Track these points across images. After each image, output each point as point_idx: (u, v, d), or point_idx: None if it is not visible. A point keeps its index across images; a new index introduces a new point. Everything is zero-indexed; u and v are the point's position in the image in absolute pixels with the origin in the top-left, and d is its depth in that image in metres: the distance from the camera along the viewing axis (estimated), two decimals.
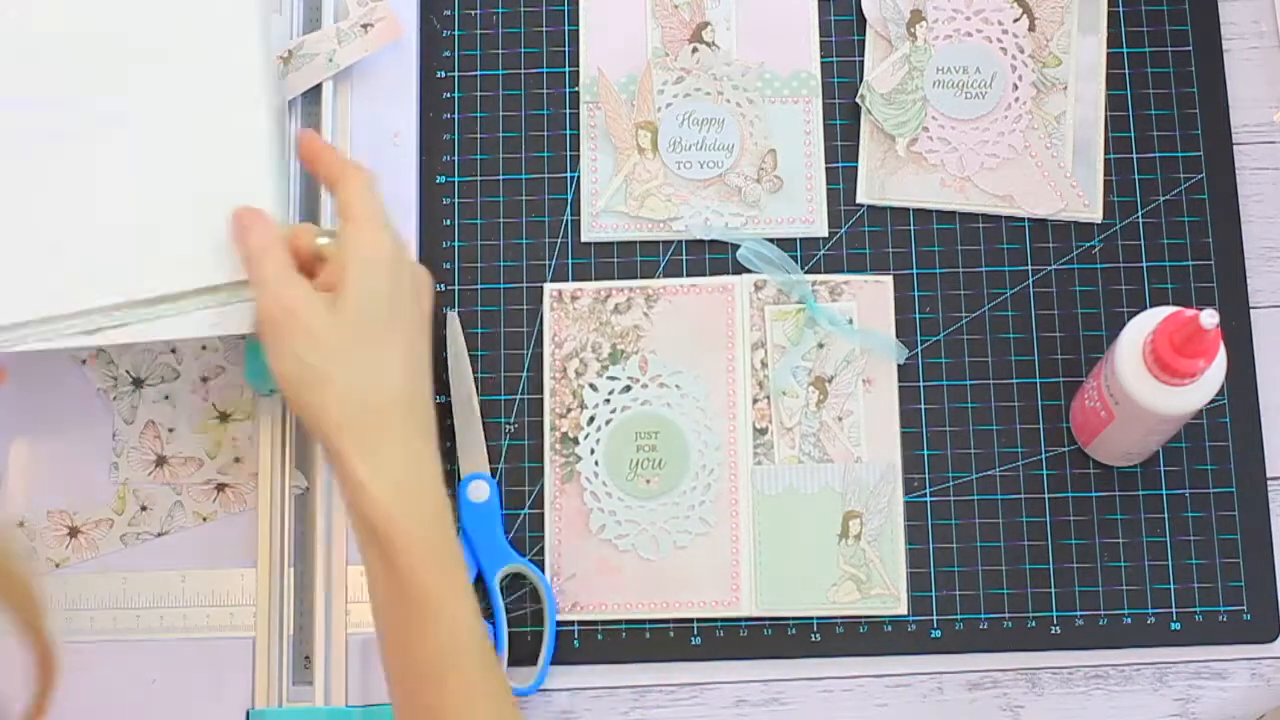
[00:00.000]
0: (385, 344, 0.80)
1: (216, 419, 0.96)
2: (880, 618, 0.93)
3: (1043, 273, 0.98)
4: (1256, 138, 1.01)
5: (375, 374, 0.79)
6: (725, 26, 1.02)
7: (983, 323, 0.98)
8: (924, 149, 1.00)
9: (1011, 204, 0.99)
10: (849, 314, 0.97)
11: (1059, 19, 1.02)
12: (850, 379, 0.96)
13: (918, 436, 0.96)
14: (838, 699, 0.93)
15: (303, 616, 0.93)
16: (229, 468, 0.95)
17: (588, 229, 0.99)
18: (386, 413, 0.79)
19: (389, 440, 0.79)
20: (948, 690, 0.94)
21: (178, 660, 0.92)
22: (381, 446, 0.78)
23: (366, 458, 0.78)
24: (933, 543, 0.94)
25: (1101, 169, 1.00)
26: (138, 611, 0.93)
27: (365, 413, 0.78)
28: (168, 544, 0.94)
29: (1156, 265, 0.98)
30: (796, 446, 0.95)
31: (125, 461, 0.95)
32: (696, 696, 0.93)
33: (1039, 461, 0.96)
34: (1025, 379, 0.97)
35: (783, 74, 1.02)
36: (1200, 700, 0.93)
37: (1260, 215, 1.00)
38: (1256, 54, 1.03)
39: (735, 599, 0.93)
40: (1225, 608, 0.94)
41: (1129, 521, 0.95)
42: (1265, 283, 0.99)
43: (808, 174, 1.00)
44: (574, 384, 0.96)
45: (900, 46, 1.01)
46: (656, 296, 0.97)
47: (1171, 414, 0.86)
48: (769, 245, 0.98)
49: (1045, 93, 1.01)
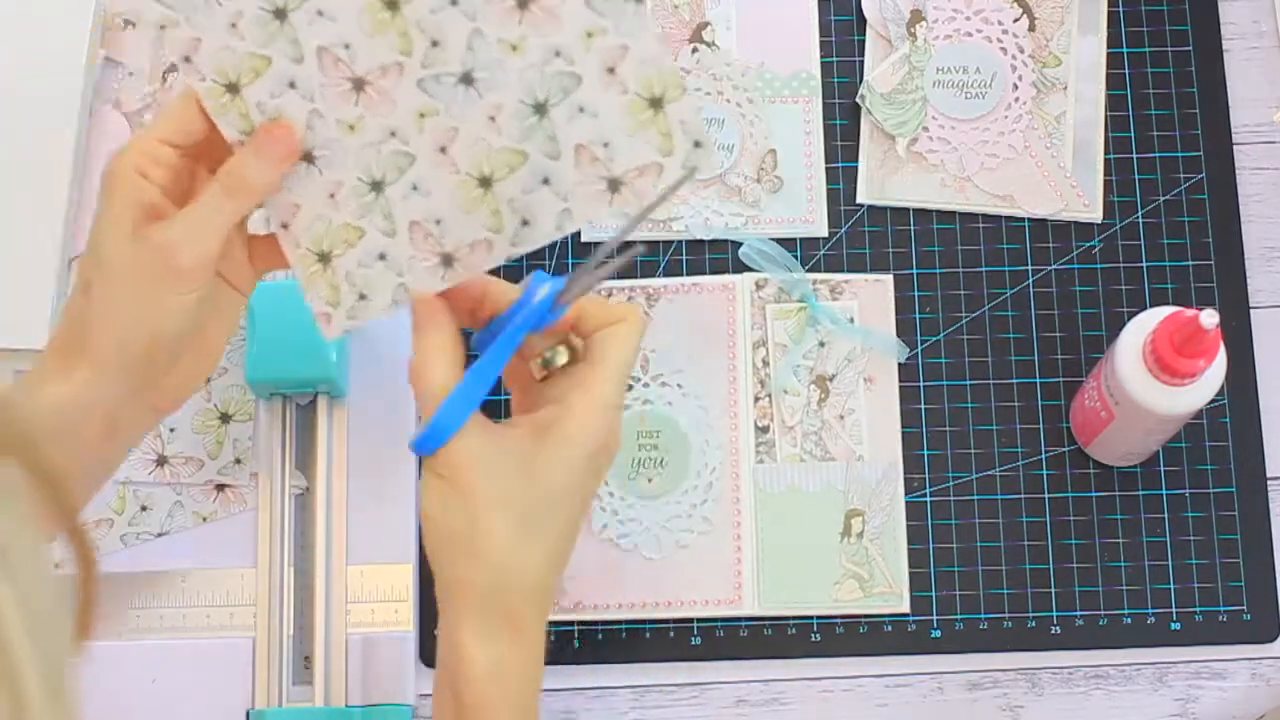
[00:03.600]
0: (549, 530, 0.72)
1: (217, 419, 0.96)
2: (880, 617, 0.93)
3: (1043, 273, 0.98)
4: (1256, 138, 1.01)
5: (528, 560, 0.71)
6: (725, 26, 1.02)
7: (983, 323, 0.98)
8: (924, 149, 1.00)
9: (1011, 204, 0.99)
10: (850, 313, 0.97)
11: (1059, 19, 1.02)
12: (852, 377, 0.96)
13: (918, 436, 0.96)
14: (838, 699, 0.93)
15: (303, 616, 0.93)
16: (229, 468, 0.95)
17: (588, 229, 0.99)
18: (520, 603, 0.71)
19: (511, 629, 0.71)
20: (948, 690, 0.93)
21: (178, 660, 0.92)
22: (502, 634, 0.71)
23: (484, 641, 0.71)
24: (933, 542, 0.94)
25: (1101, 169, 1.00)
26: (138, 611, 0.93)
27: (502, 597, 0.71)
28: (168, 544, 0.94)
29: (1156, 265, 0.98)
30: (798, 445, 0.95)
31: (125, 461, 0.95)
32: (696, 696, 0.93)
33: (1039, 461, 0.96)
34: (1025, 379, 0.97)
35: (783, 74, 1.02)
36: (1200, 700, 0.93)
37: (1260, 215, 1.00)
38: (1256, 54, 1.03)
39: (738, 597, 0.93)
40: (1225, 608, 0.94)
41: (1129, 521, 0.95)
42: (1265, 283, 0.99)
43: (808, 174, 1.00)
44: None
45: (900, 46, 1.01)
46: (657, 296, 0.97)
47: (1171, 414, 0.86)
48: (771, 243, 0.98)
49: (1045, 93, 1.01)
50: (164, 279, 0.71)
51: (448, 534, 0.71)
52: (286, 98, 0.72)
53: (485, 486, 0.70)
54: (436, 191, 0.72)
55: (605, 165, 0.70)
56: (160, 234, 0.71)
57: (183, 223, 0.72)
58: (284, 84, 0.72)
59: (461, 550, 0.71)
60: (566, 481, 0.71)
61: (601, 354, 0.72)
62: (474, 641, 0.70)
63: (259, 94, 0.72)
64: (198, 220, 0.72)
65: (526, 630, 0.71)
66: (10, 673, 0.44)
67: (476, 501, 0.70)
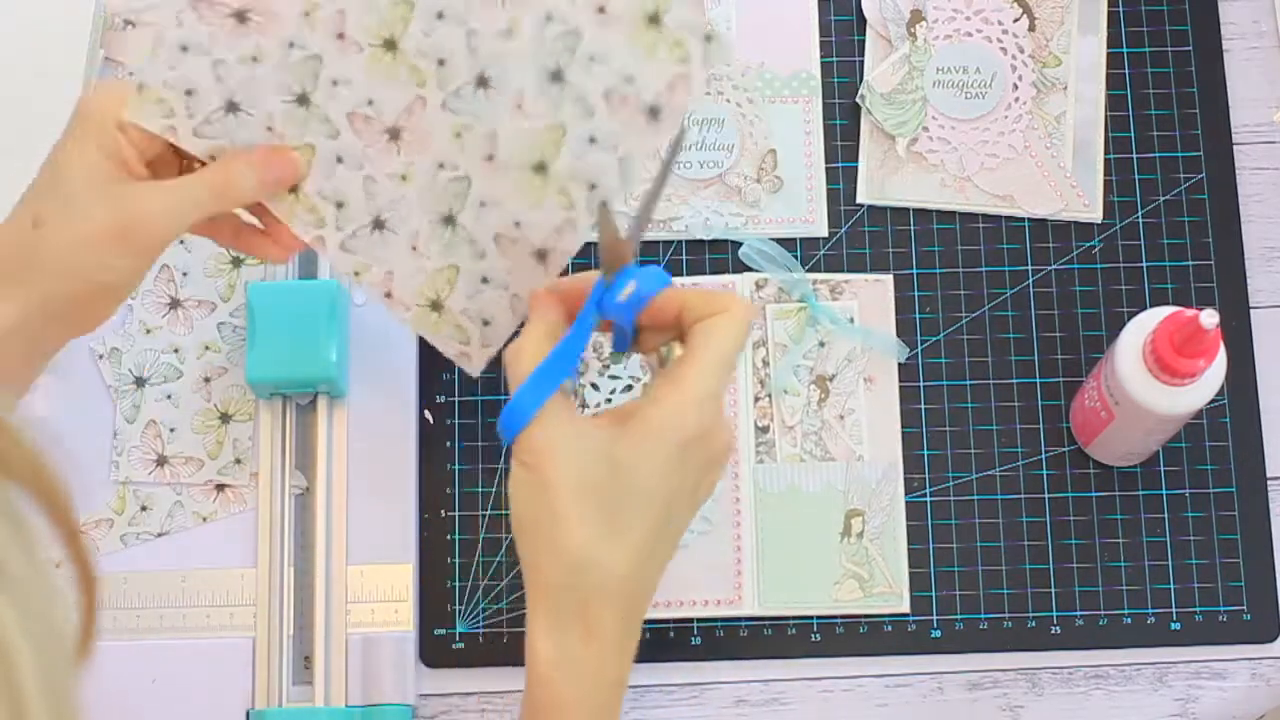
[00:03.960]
0: (634, 526, 0.69)
1: (218, 419, 0.96)
2: (880, 617, 0.93)
3: (1043, 273, 0.98)
4: (1256, 138, 1.01)
5: (609, 556, 0.69)
6: (725, 26, 1.02)
7: (983, 323, 0.98)
8: (924, 149, 1.00)
9: (1011, 204, 0.99)
10: (850, 313, 0.97)
11: (1059, 19, 1.02)
12: (852, 377, 0.96)
13: (917, 436, 0.96)
14: (838, 699, 0.93)
15: (303, 616, 0.93)
16: (229, 468, 0.95)
17: None
18: (597, 600, 0.69)
19: (583, 626, 0.69)
20: (948, 690, 0.93)
21: (178, 660, 0.92)
22: (573, 630, 0.69)
23: (555, 635, 0.69)
24: (933, 542, 0.94)
25: (1101, 169, 1.00)
26: (138, 611, 0.93)
27: (576, 594, 0.69)
28: (168, 544, 0.94)
29: (1156, 265, 0.98)
30: (798, 445, 0.95)
31: (125, 461, 0.95)
32: (696, 696, 0.93)
33: (1039, 461, 0.96)
34: (1025, 379, 0.97)
35: (783, 74, 1.02)
36: (1200, 700, 0.93)
37: (1260, 215, 1.00)
38: (1256, 54, 1.03)
39: (739, 597, 0.93)
40: (1225, 608, 0.94)
41: (1129, 521, 0.95)
42: (1265, 283, 0.99)
43: (808, 174, 1.00)
44: (575, 384, 0.96)
45: (900, 46, 1.01)
46: None
47: (1171, 414, 0.86)
48: (771, 243, 0.98)
49: (1045, 93, 1.01)
50: (127, 242, 0.72)
51: (530, 522, 0.70)
52: (340, 177, 0.74)
53: (565, 476, 0.68)
54: (502, 199, 0.74)
55: (637, 98, 0.71)
56: (137, 201, 0.72)
57: (162, 199, 0.73)
58: (333, 163, 0.74)
59: (542, 540, 0.69)
60: (649, 473, 0.69)
61: (697, 345, 0.70)
62: (543, 635, 0.69)
63: (316, 183, 0.74)
64: (177, 202, 0.73)
65: (602, 629, 0.69)
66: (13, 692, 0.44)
67: (557, 492, 0.68)
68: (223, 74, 0.73)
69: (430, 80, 0.72)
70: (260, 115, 0.73)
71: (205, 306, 0.98)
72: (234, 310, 0.97)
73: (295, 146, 0.74)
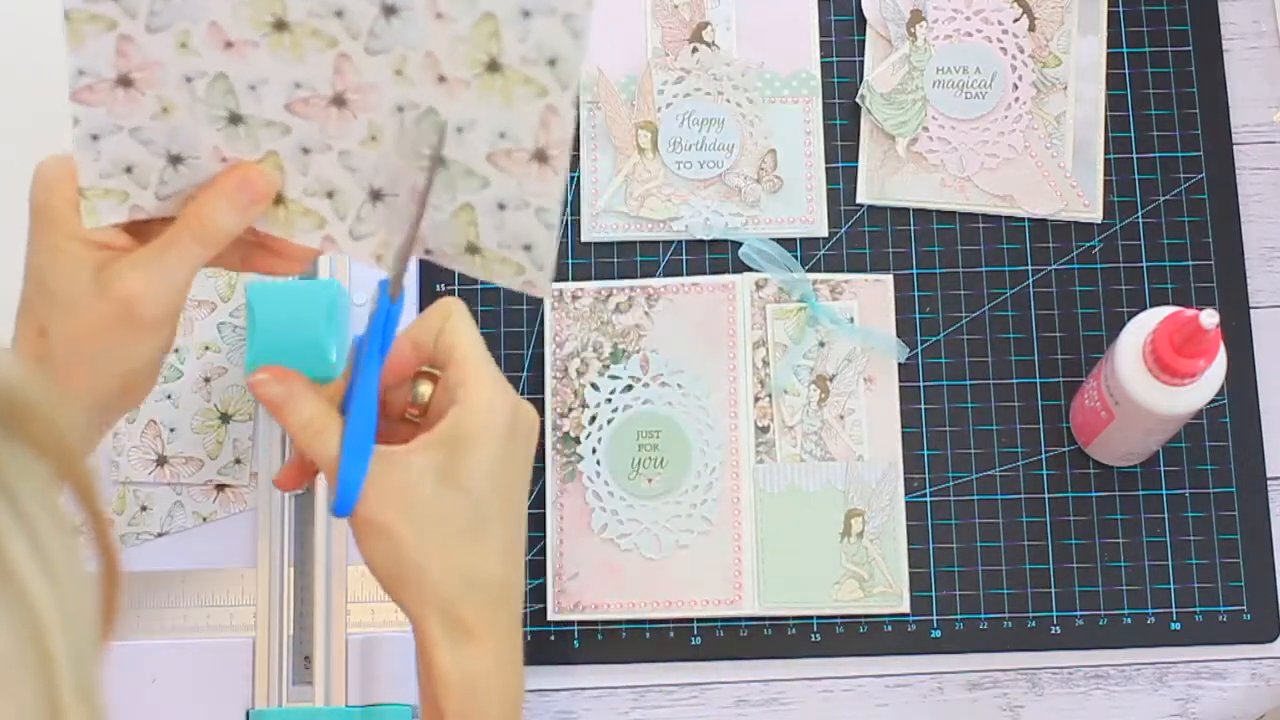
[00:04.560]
0: (493, 527, 0.71)
1: (217, 419, 0.96)
2: (880, 617, 0.93)
3: (1043, 273, 0.98)
4: (1256, 138, 1.01)
5: (478, 560, 0.71)
6: (725, 26, 1.02)
7: (983, 323, 0.98)
8: (924, 149, 1.00)
9: (1011, 204, 0.99)
10: (850, 313, 0.97)
11: (1059, 19, 1.02)
12: (852, 377, 0.96)
13: (917, 436, 0.96)
14: (838, 699, 0.93)
15: (303, 616, 0.93)
16: (229, 468, 0.95)
17: (588, 229, 0.99)
18: (481, 603, 0.71)
19: (478, 633, 0.70)
20: (948, 690, 0.94)
21: (178, 660, 0.92)
22: (470, 638, 0.70)
23: (452, 648, 0.70)
24: (933, 542, 0.94)
25: (1101, 169, 1.00)
26: (138, 611, 0.93)
27: (460, 602, 0.70)
28: (168, 544, 0.94)
29: (1156, 265, 0.98)
30: (798, 445, 0.95)
31: (125, 461, 0.95)
32: (696, 696, 0.93)
33: (1039, 461, 0.96)
34: (1025, 379, 0.97)
35: (783, 74, 1.02)
36: (1200, 700, 0.93)
37: (1260, 215, 1.00)
38: (1256, 54, 1.03)
39: (738, 597, 0.93)
40: (1225, 608, 0.94)
41: (1129, 521, 0.95)
42: (1265, 283, 0.99)
43: (808, 174, 1.00)
44: (575, 383, 0.96)
45: (900, 46, 1.01)
46: (657, 296, 0.97)
47: (1171, 414, 0.86)
48: (771, 243, 0.98)
49: (1045, 93, 1.01)
50: (132, 326, 0.69)
51: (392, 577, 0.70)
52: (315, 165, 0.70)
53: (414, 523, 0.69)
54: (475, 115, 0.69)
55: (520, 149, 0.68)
56: (120, 284, 0.68)
57: (145, 271, 0.69)
58: (301, 156, 0.70)
59: (410, 586, 0.70)
60: (490, 473, 0.70)
61: (451, 350, 0.71)
62: (439, 643, 0.70)
63: (297, 184, 0.71)
64: (162, 269, 0.69)
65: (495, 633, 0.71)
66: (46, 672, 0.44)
67: (407, 543, 0.69)
68: (147, 138, 0.69)
69: (340, 34, 0.67)
70: (206, 152, 0.70)
71: (205, 306, 0.98)
72: (234, 310, 0.97)
73: (258, 159, 0.70)
